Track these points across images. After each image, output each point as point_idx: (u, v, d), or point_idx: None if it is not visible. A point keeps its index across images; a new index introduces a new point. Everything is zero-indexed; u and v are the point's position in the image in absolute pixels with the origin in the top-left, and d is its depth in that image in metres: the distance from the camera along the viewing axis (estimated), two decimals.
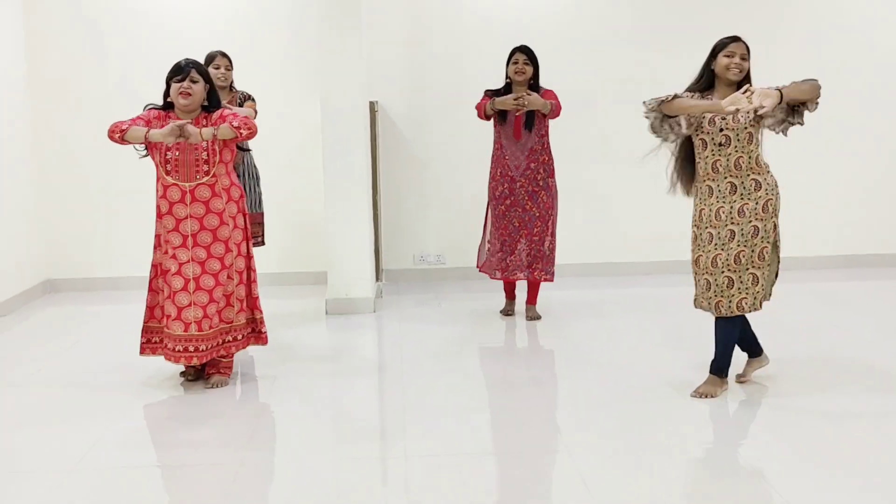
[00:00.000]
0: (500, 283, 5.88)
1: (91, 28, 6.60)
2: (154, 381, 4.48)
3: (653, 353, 4.82)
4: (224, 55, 5.36)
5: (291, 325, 5.60)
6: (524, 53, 5.41)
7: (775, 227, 3.95)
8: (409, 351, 5.04)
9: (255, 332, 4.54)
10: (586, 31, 6.80)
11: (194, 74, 4.24)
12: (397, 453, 3.52)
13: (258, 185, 5.55)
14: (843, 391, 4.12)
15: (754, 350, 4.26)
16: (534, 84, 5.44)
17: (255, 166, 5.54)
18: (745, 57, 3.93)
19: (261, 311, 4.53)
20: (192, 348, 4.23)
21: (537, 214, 5.50)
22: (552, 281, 5.63)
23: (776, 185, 3.98)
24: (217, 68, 5.29)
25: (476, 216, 6.04)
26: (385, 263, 6.89)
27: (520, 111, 5.35)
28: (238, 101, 5.37)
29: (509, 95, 5.35)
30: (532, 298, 5.70)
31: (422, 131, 6.85)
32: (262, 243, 5.60)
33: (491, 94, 5.50)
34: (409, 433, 3.72)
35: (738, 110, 3.67)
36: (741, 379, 4.27)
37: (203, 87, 4.27)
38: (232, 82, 5.43)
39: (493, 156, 5.60)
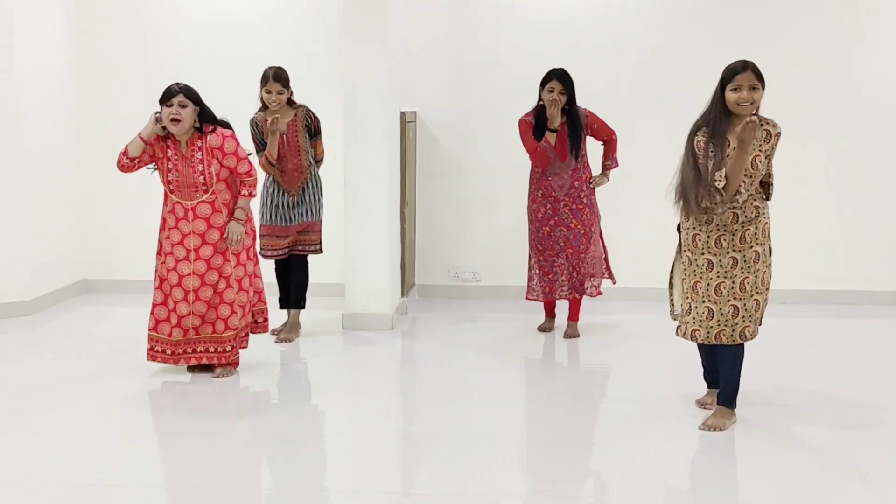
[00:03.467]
0: (541, 304, 5.82)
1: (133, 28, 6.62)
2: (161, 383, 4.65)
3: (677, 383, 4.51)
4: (277, 79, 5.14)
5: (304, 338, 5.49)
6: (560, 82, 5.19)
7: (770, 250, 3.81)
8: (415, 375, 4.86)
9: (262, 322, 4.93)
10: (634, 34, 6.39)
11: (182, 99, 4.40)
12: (395, 488, 3.37)
13: (321, 195, 5.42)
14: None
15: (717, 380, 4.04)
16: (569, 108, 5.28)
17: (318, 177, 5.41)
18: (757, 86, 3.64)
19: (265, 303, 4.93)
20: (190, 350, 4.57)
21: (582, 231, 5.36)
22: (600, 294, 5.49)
23: (768, 209, 3.86)
24: (269, 93, 5.16)
25: (516, 232, 5.76)
26: (418, 278, 6.67)
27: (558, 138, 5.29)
28: (304, 122, 5.22)
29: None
30: (573, 315, 5.56)
31: (462, 141, 6.58)
32: (321, 251, 5.48)
33: (530, 123, 5.32)
34: (397, 467, 3.60)
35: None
36: (704, 405, 4.11)
37: (192, 110, 4.43)
38: (290, 96, 5.25)
39: (531, 177, 5.46)
